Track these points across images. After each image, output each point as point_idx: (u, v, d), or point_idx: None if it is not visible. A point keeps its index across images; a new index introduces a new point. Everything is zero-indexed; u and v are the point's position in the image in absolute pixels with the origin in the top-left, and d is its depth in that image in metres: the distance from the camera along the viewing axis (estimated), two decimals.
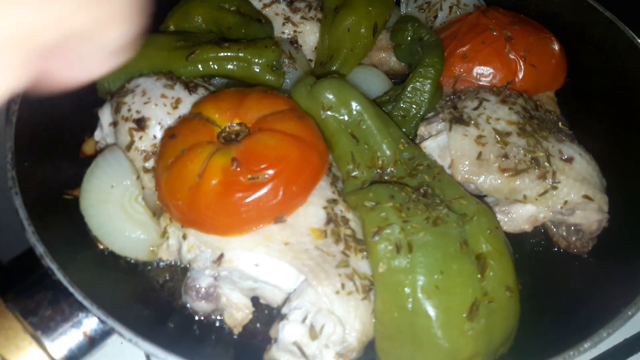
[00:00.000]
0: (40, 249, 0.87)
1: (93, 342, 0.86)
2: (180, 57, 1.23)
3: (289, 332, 0.89)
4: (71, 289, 0.83)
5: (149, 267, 1.09)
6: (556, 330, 0.96)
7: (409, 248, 0.90)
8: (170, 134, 1.04)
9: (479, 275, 0.89)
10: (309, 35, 1.41)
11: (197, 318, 1.02)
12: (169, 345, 0.81)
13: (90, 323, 0.86)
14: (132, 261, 1.07)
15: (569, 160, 1.08)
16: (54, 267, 0.86)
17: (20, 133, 1.04)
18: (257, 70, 1.24)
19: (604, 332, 0.84)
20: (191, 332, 1.01)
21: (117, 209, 1.02)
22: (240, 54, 1.23)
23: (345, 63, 1.35)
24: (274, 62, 1.25)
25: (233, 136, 1.02)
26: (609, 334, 0.84)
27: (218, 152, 0.96)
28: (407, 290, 0.87)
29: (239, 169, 0.93)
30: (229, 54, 1.23)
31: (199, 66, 1.23)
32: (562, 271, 1.13)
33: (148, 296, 1.05)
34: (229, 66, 1.24)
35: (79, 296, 0.83)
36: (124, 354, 1.08)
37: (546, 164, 1.06)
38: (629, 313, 0.86)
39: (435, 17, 1.47)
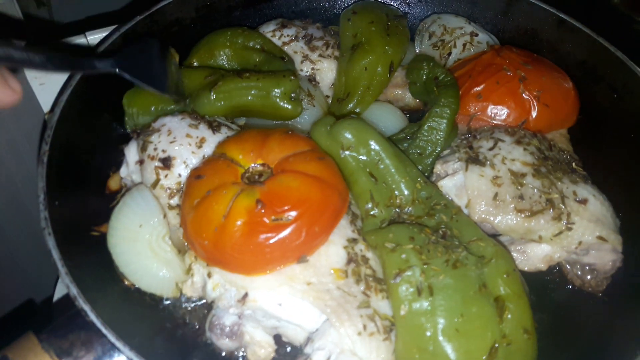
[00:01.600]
0: (74, 290, 0.90)
1: None
2: (206, 89, 1.28)
3: None
4: (104, 331, 0.86)
5: (174, 304, 1.11)
6: None
7: (429, 291, 0.93)
8: (197, 174, 1.07)
9: (497, 318, 0.91)
10: (327, 73, 1.45)
11: (221, 355, 1.05)
12: None
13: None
14: (158, 297, 1.10)
15: (583, 201, 1.11)
16: (87, 308, 0.89)
17: (50, 172, 1.07)
18: (276, 98, 1.28)
19: None
20: None
21: (145, 248, 1.05)
22: (259, 84, 1.28)
23: (362, 100, 1.39)
24: (292, 93, 1.29)
25: (256, 177, 1.06)
26: None
27: (242, 193, 1.00)
28: (428, 332, 0.90)
29: (263, 211, 0.96)
30: (249, 83, 1.27)
31: (221, 101, 1.27)
32: (577, 310, 1.15)
33: (173, 332, 1.08)
34: (249, 97, 1.28)
35: (111, 337, 0.85)
36: None
37: (561, 205, 1.09)
38: None
39: (449, 54, 1.50)
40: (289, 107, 1.30)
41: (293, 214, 0.97)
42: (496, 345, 0.89)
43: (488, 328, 0.90)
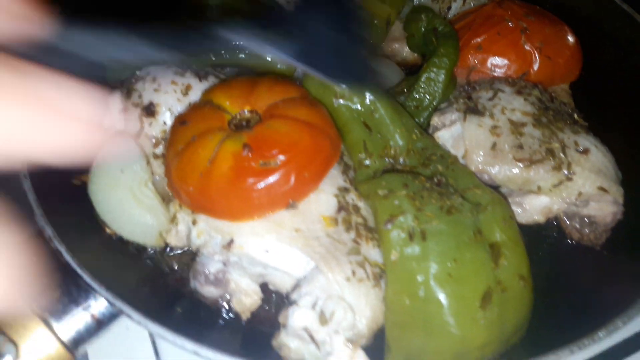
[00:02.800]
0: (48, 231, 0.87)
1: (101, 324, 0.85)
2: None
3: (298, 317, 0.88)
4: (79, 271, 0.83)
5: (157, 253, 1.08)
6: (569, 320, 0.95)
7: (422, 236, 0.89)
8: (181, 120, 1.03)
9: (492, 264, 0.88)
10: None
11: (205, 303, 1.01)
12: (177, 328, 0.80)
13: (97, 305, 0.85)
14: (141, 247, 1.06)
15: (585, 151, 1.07)
16: (62, 249, 0.85)
17: None
18: (269, 59, 1.23)
19: (619, 321, 0.82)
20: (199, 317, 1.00)
21: (126, 194, 1.02)
22: None
23: None
24: None
25: (244, 123, 1.01)
26: (625, 322, 0.82)
27: (229, 138, 0.96)
28: (419, 277, 0.86)
29: (250, 155, 0.92)
30: None
31: (211, 55, 1.23)
32: (575, 263, 1.11)
33: (156, 281, 1.04)
34: (241, 55, 1.23)
35: (87, 278, 0.82)
36: (129, 338, 1.08)
37: (561, 155, 1.05)
38: None
39: (449, 8, 1.45)
40: (283, 67, 1.26)
41: (282, 158, 0.93)
42: (490, 290, 0.85)
43: (482, 274, 0.86)
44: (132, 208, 1.02)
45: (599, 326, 0.83)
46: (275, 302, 1.04)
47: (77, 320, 0.84)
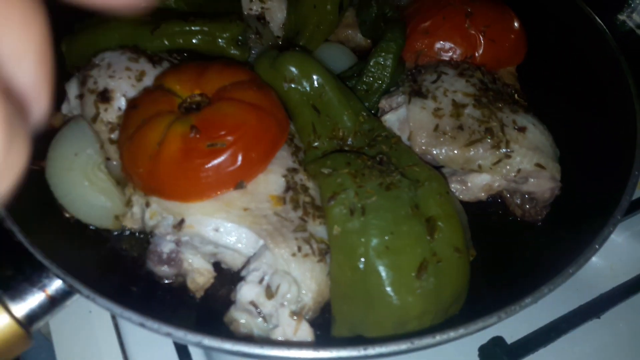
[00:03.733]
0: (1, 212, 0.89)
1: (54, 301, 0.88)
2: (147, 32, 1.25)
3: (245, 292, 0.92)
4: (31, 249, 0.85)
5: (115, 236, 1.11)
6: (505, 291, 1.00)
7: (362, 211, 0.93)
8: (132, 104, 1.06)
9: (428, 237, 0.92)
10: (277, 12, 1.43)
11: (160, 284, 1.05)
12: (126, 303, 0.83)
13: (51, 283, 0.88)
14: (98, 230, 1.09)
15: (522, 129, 1.12)
16: (15, 229, 0.88)
17: None
18: (222, 44, 1.26)
19: (545, 289, 0.87)
20: (154, 296, 1.03)
21: (81, 177, 1.04)
22: (205, 28, 1.25)
23: (311, 39, 1.38)
24: (239, 36, 1.27)
25: (194, 106, 1.04)
26: (550, 290, 0.87)
27: (178, 120, 0.99)
28: (359, 250, 0.91)
29: (197, 136, 0.96)
30: (194, 27, 1.25)
31: (165, 41, 1.25)
32: (517, 239, 1.17)
33: (113, 263, 1.07)
34: (194, 40, 1.26)
35: (38, 255, 0.85)
36: (91, 320, 1.12)
37: (500, 133, 1.10)
38: (570, 271, 0.89)
39: None
40: (236, 52, 1.28)
41: (229, 139, 0.96)
42: (426, 261, 0.90)
43: (418, 245, 0.91)
44: (86, 191, 1.04)
45: (526, 293, 0.88)
46: (228, 280, 1.08)
47: (30, 298, 0.87)
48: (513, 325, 1.12)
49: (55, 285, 0.89)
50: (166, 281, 1.05)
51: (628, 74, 1.17)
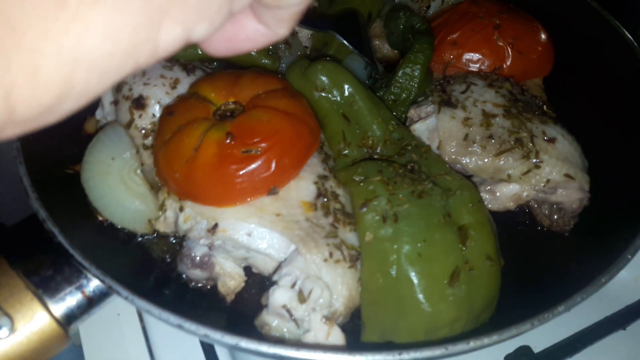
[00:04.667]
0: (42, 213, 0.92)
1: (92, 302, 0.90)
2: None
3: (278, 296, 0.94)
4: (71, 251, 0.87)
5: (147, 239, 1.12)
6: (536, 300, 1.00)
7: (394, 218, 0.94)
8: (168, 111, 1.08)
9: (460, 245, 0.93)
10: None
11: (192, 286, 1.06)
12: (163, 304, 0.85)
13: (89, 284, 0.90)
14: (131, 233, 1.11)
15: (552, 140, 1.13)
16: (55, 230, 0.90)
17: None
18: (254, 53, 1.29)
19: (578, 297, 0.87)
20: (186, 299, 1.05)
21: (117, 181, 1.06)
22: None
23: (339, 50, 1.39)
24: (270, 46, 1.29)
25: (228, 113, 1.07)
26: (583, 298, 0.88)
27: (213, 127, 1.01)
28: (391, 257, 0.92)
29: (233, 143, 0.98)
30: None
31: (198, 49, 1.28)
32: (545, 248, 1.17)
33: (145, 266, 1.09)
34: None
35: (78, 257, 0.87)
36: (120, 322, 1.13)
37: (529, 144, 1.11)
38: (603, 280, 0.90)
39: (428, 6, 1.51)
40: (267, 61, 1.31)
41: (263, 145, 0.98)
42: (458, 269, 0.91)
43: (450, 253, 0.92)
44: (122, 195, 1.06)
45: (559, 301, 0.88)
46: (259, 284, 1.09)
47: (69, 297, 0.89)
48: (539, 335, 1.12)
49: (93, 285, 0.91)
50: (198, 284, 1.07)
51: None
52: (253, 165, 0.98)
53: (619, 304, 1.23)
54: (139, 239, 1.12)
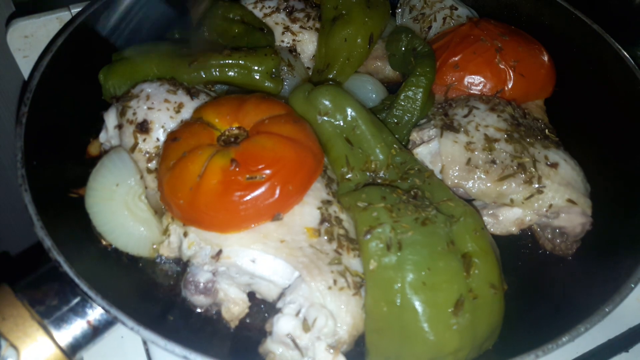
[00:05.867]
0: (47, 242, 0.92)
1: (97, 331, 0.90)
2: (184, 64, 1.28)
3: (283, 324, 0.94)
4: (77, 280, 0.88)
5: (151, 264, 1.13)
6: (539, 327, 1.00)
7: (398, 246, 0.95)
8: (173, 137, 1.09)
9: (464, 273, 0.93)
10: (308, 44, 1.47)
11: (195, 312, 1.06)
12: (168, 334, 0.85)
13: (94, 313, 0.90)
14: (135, 258, 1.11)
15: (554, 165, 1.13)
16: (60, 259, 0.90)
17: (29, 133, 1.09)
18: (257, 77, 1.29)
19: (581, 327, 0.88)
20: (189, 325, 1.05)
21: (121, 206, 1.07)
22: (240, 62, 1.28)
23: (341, 71, 1.40)
24: (273, 70, 1.30)
25: (232, 139, 1.07)
26: (587, 329, 0.88)
27: (218, 153, 1.01)
28: (396, 286, 0.92)
29: (237, 169, 0.98)
30: (230, 61, 1.28)
31: (202, 73, 1.28)
32: (548, 273, 1.17)
33: (149, 291, 1.09)
34: (230, 73, 1.29)
35: (84, 287, 0.87)
36: (123, 346, 1.13)
37: (532, 169, 1.11)
38: (606, 309, 0.90)
39: (430, 27, 1.52)
40: (271, 85, 1.31)
41: (267, 172, 0.99)
42: (462, 298, 0.91)
43: (454, 282, 0.92)
44: (126, 220, 1.07)
45: (563, 331, 0.88)
46: (263, 311, 1.09)
47: (74, 327, 0.89)
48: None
49: (98, 314, 0.91)
50: (201, 310, 1.07)
51: None
52: (257, 192, 0.98)
53: (622, 325, 1.22)
54: (142, 264, 1.12)
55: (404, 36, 1.40)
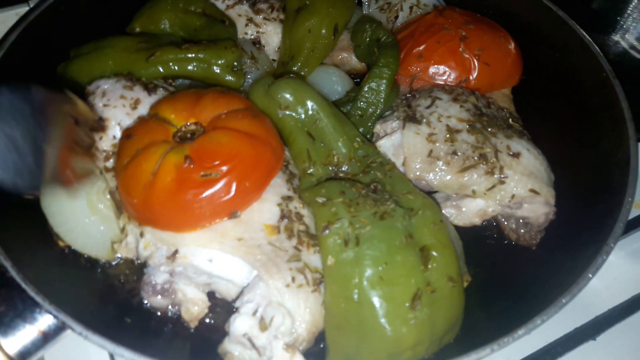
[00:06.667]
0: None
1: (47, 337, 0.88)
2: (142, 59, 1.26)
3: (239, 324, 0.92)
4: (24, 285, 0.85)
5: (109, 266, 1.10)
6: (500, 319, 1.00)
7: (356, 241, 0.93)
8: (127, 134, 1.06)
9: (422, 267, 0.92)
10: (272, 36, 1.44)
11: (155, 314, 1.04)
12: (123, 340, 0.83)
13: (44, 319, 0.88)
14: (92, 260, 1.09)
15: (516, 155, 1.12)
16: (7, 264, 0.88)
17: None
18: (218, 71, 1.27)
19: (538, 320, 0.87)
20: (148, 327, 1.03)
21: (83, 204, 1.04)
22: (200, 55, 1.26)
23: (306, 63, 1.38)
24: (234, 63, 1.28)
25: (189, 135, 1.05)
26: (543, 320, 0.87)
27: (172, 150, 0.99)
28: (353, 281, 0.90)
29: (192, 166, 0.96)
30: (189, 55, 1.26)
31: (160, 68, 1.26)
32: (512, 264, 1.17)
33: (107, 294, 1.07)
34: (190, 67, 1.27)
35: (31, 292, 0.85)
36: (85, 350, 1.11)
37: (493, 159, 1.10)
38: (563, 301, 0.89)
39: (396, 17, 1.50)
40: (232, 78, 1.29)
41: (223, 169, 0.97)
42: (420, 292, 0.90)
43: (412, 276, 0.91)
44: (87, 217, 1.04)
45: (520, 324, 0.88)
46: (223, 310, 1.08)
47: (23, 334, 0.87)
48: (508, 350, 1.10)
49: (48, 320, 0.89)
50: (160, 312, 1.05)
51: (622, 99, 1.17)
52: (212, 189, 0.96)
53: (590, 313, 1.23)
54: (100, 266, 1.10)
55: (368, 26, 1.37)
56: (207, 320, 1.06)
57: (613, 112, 1.19)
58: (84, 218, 1.05)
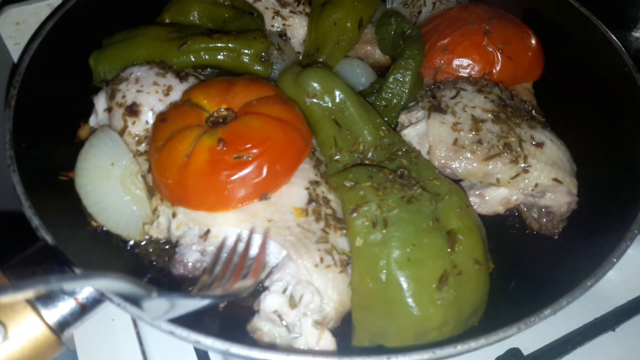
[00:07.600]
0: (35, 221, 0.92)
1: (84, 309, 0.90)
2: (173, 48, 1.29)
3: (270, 301, 0.95)
4: (64, 258, 0.88)
5: (140, 246, 1.13)
6: (523, 303, 1.01)
7: (384, 224, 0.95)
8: (161, 118, 1.10)
9: (449, 249, 0.94)
10: (298, 29, 1.47)
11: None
12: None
13: (82, 291, 0.91)
14: (124, 240, 1.12)
15: (540, 145, 1.14)
16: (48, 238, 0.91)
17: (18, 116, 1.09)
18: (246, 60, 1.30)
19: (564, 301, 0.89)
20: None
21: (116, 185, 1.07)
22: (230, 45, 1.29)
23: (331, 55, 1.41)
24: (263, 53, 1.31)
25: (220, 120, 1.08)
26: (569, 302, 0.89)
27: (205, 134, 1.02)
28: (381, 262, 0.93)
29: (225, 149, 0.99)
30: (219, 44, 1.29)
31: (191, 56, 1.29)
32: (534, 251, 1.18)
33: (137, 272, 1.10)
34: (220, 56, 1.30)
35: (71, 264, 0.88)
36: (114, 327, 1.14)
37: (518, 148, 1.12)
38: (588, 283, 0.91)
39: (419, 12, 1.53)
40: (260, 68, 1.32)
41: (254, 151, 0.99)
42: (447, 273, 0.92)
43: (439, 257, 0.93)
44: (120, 198, 1.07)
45: (545, 305, 0.89)
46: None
47: (62, 305, 0.89)
48: (529, 337, 1.13)
49: (86, 293, 0.92)
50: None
51: None
52: (245, 171, 0.99)
53: (609, 305, 1.24)
54: (132, 246, 1.13)
55: (393, 20, 1.40)
56: (235, 300, 1.08)
57: (635, 106, 1.21)
58: (117, 198, 1.09)
